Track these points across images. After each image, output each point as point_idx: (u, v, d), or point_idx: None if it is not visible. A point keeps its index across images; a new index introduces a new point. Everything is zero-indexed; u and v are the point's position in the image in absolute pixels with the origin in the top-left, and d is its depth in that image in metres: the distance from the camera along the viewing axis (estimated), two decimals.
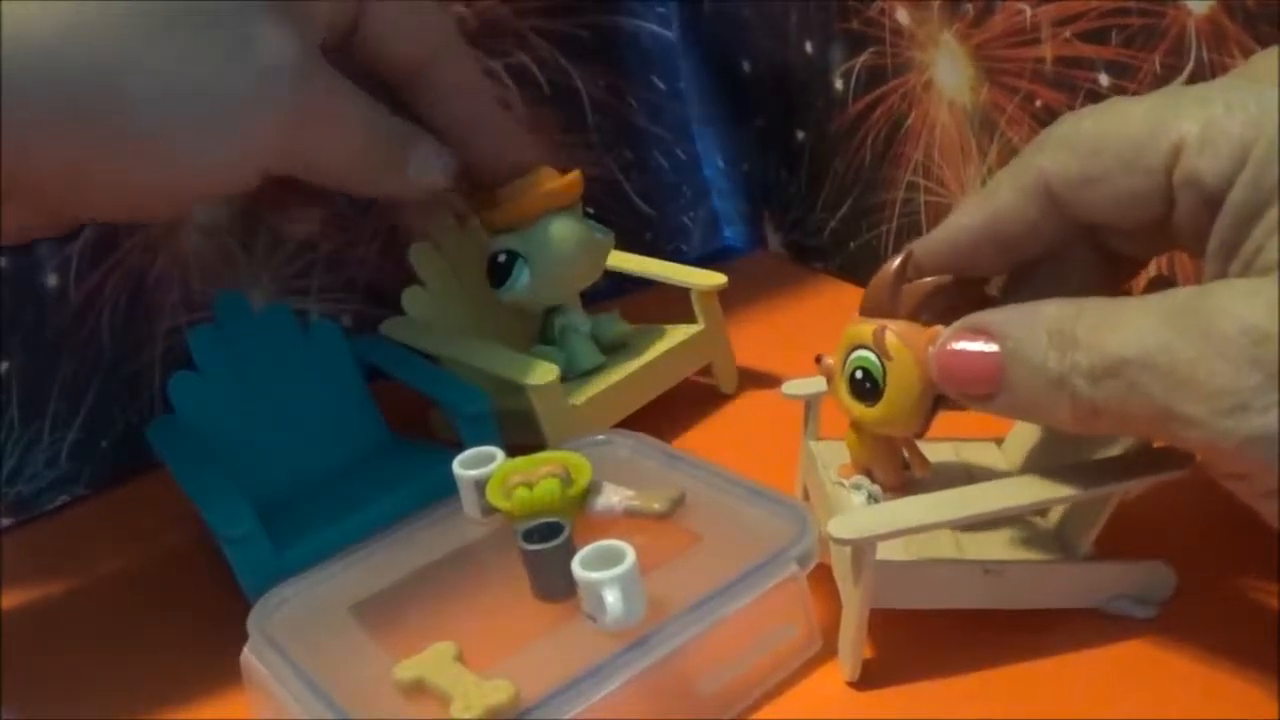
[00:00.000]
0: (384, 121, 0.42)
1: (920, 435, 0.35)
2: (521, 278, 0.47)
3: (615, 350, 0.50)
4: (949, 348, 0.31)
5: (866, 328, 0.34)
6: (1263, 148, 0.27)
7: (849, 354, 0.34)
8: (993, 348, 0.30)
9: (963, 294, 0.34)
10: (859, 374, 0.34)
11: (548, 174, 0.47)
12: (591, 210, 0.48)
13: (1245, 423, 0.26)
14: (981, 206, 0.33)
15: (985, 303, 0.35)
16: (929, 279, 0.34)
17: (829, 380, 0.36)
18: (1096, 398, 0.28)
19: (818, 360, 0.36)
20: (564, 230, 0.47)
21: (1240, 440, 0.26)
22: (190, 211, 0.40)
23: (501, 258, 0.47)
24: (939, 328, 0.32)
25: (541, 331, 0.50)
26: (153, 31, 0.35)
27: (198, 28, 0.36)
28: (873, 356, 0.33)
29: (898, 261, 0.34)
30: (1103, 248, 0.33)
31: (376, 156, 0.42)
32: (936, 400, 0.33)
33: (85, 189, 0.36)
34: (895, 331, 0.33)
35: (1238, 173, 0.28)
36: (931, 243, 0.34)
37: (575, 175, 0.47)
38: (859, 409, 0.34)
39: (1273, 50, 0.30)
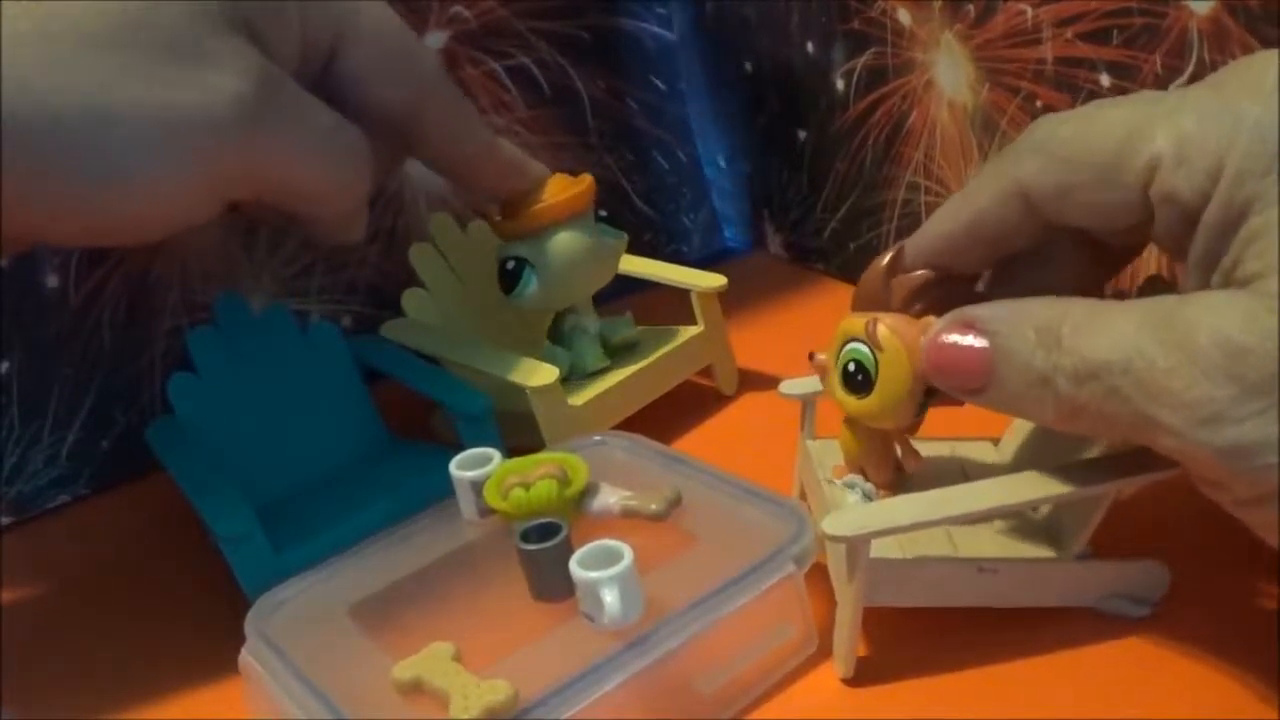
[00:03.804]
0: (351, 143, 0.40)
1: (913, 430, 0.35)
2: (530, 285, 0.47)
3: (621, 352, 0.50)
4: (939, 340, 0.31)
5: (858, 321, 0.34)
6: (1235, 163, 0.27)
7: (842, 347, 0.34)
8: (982, 342, 0.30)
9: (952, 286, 0.34)
10: (851, 366, 0.34)
11: (559, 184, 0.47)
12: (604, 213, 0.48)
13: (1220, 433, 0.26)
14: (962, 209, 0.34)
15: (974, 294, 0.35)
16: (919, 272, 0.34)
17: (822, 376, 0.36)
18: (1078, 398, 0.28)
19: (810, 357, 0.36)
20: (572, 239, 0.47)
21: (1215, 450, 0.26)
22: (158, 238, 0.38)
23: (510, 265, 0.47)
24: (930, 319, 0.32)
25: (551, 331, 0.50)
26: (98, 51, 0.34)
27: (148, 49, 0.34)
28: (865, 348, 0.33)
29: (888, 256, 0.34)
30: (1089, 239, 0.33)
31: (341, 182, 0.40)
32: (928, 393, 0.33)
33: (31, 213, 0.34)
34: (886, 324, 0.33)
35: (1212, 188, 0.28)
36: (917, 241, 0.35)
37: (587, 184, 0.47)
38: (852, 401, 0.34)
39: (1243, 61, 0.30)
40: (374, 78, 0.41)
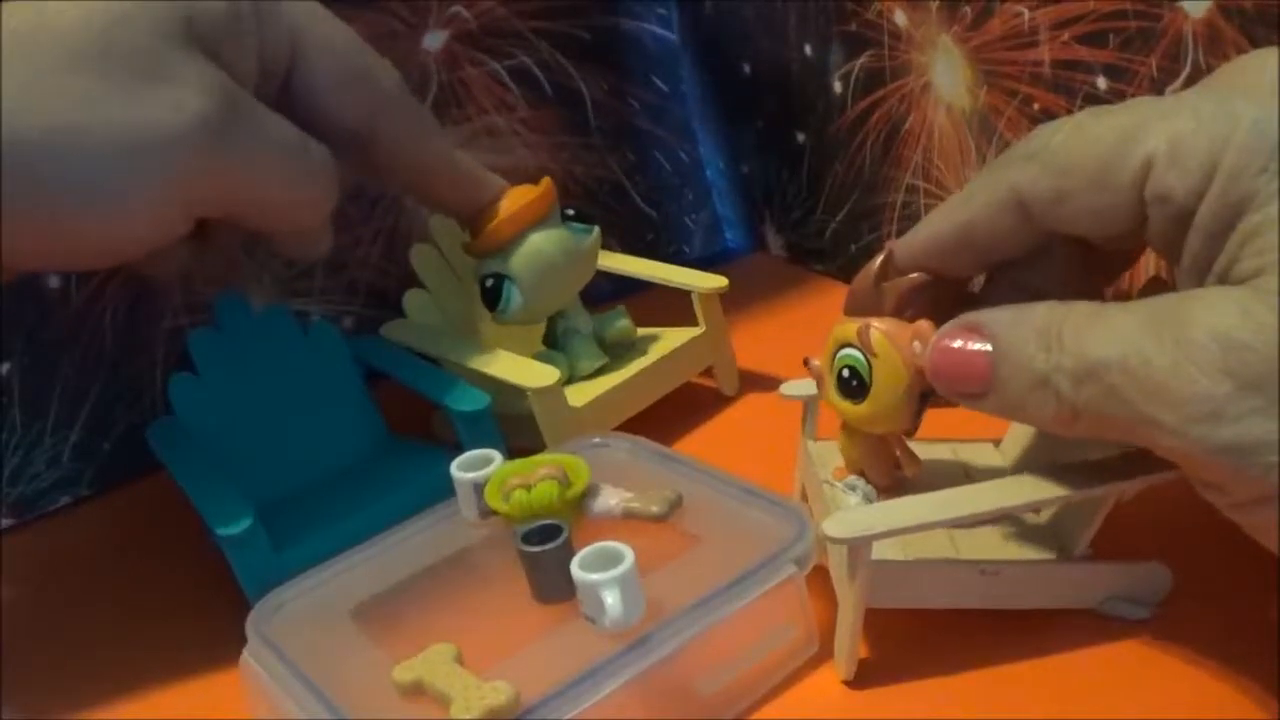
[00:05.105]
0: (315, 158, 0.40)
1: (911, 433, 0.35)
2: (513, 299, 0.47)
3: (619, 348, 0.50)
4: (942, 345, 0.31)
5: (851, 327, 0.34)
6: (1230, 161, 0.27)
7: (836, 353, 0.34)
8: (985, 346, 0.30)
9: (944, 289, 0.34)
10: (846, 372, 0.34)
11: (518, 193, 0.47)
12: (571, 210, 0.48)
13: (1217, 431, 0.26)
14: (955, 214, 0.33)
15: (966, 297, 0.35)
16: (910, 275, 0.34)
17: (818, 382, 0.36)
18: (1078, 400, 0.28)
19: (806, 363, 0.36)
20: (543, 244, 0.46)
21: (1212, 448, 0.26)
22: (127, 259, 0.38)
23: (489, 282, 0.47)
24: (923, 322, 0.33)
25: (546, 335, 0.50)
26: (60, 73, 0.33)
27: (110, 70, 0.34)
28: (858, 354, 0.34)
29: (879, 260, 0.34)
30: (1085, 244, 0.33)
31: (307, 196, 0.40)
32: (924, 396, 0.33)
33: (4, 238, 0.34)
34: (879, 328, 0.33)
35: (1206, 186, 0.28)
36: (909, 245, 0.34)
37: (545, 187, 0.47)
38: (848, 408, 0.34)
39: (1238, 61, 0.30)
40: (329, 93, 0.41)
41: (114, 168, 0.34)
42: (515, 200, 0.46)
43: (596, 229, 0.49)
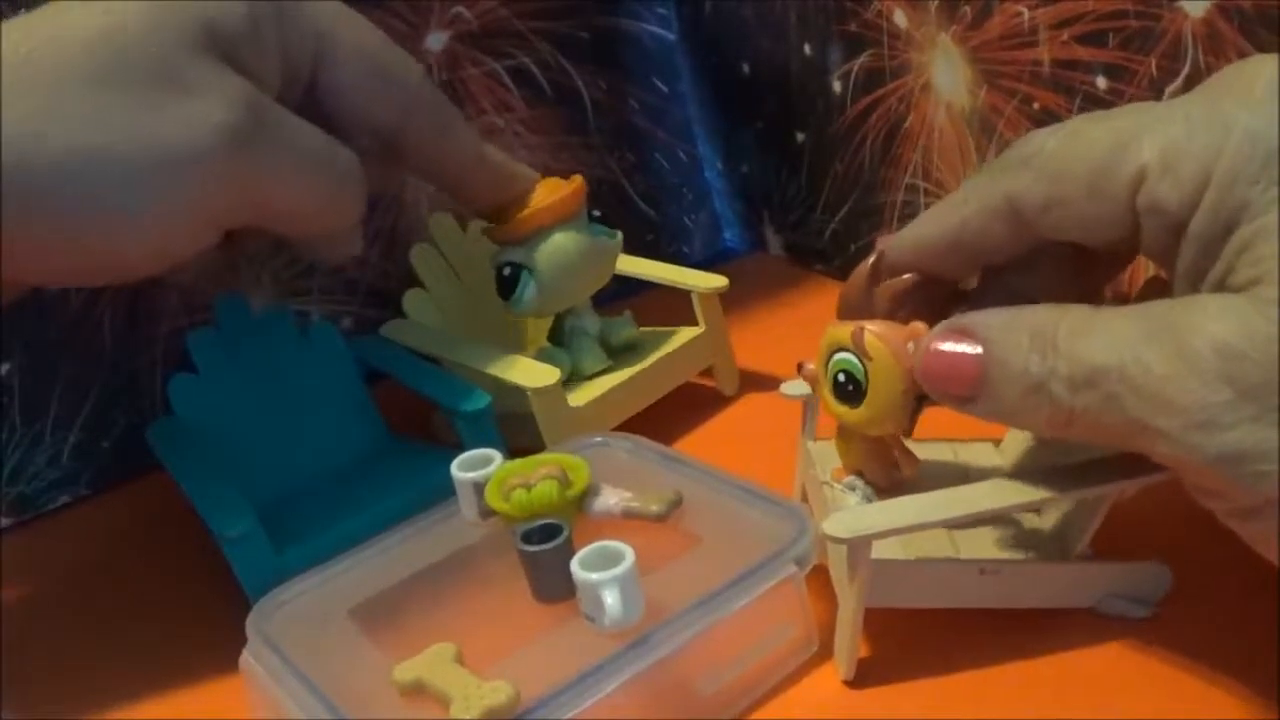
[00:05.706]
0: (342, 164, 0.40)
1: (908, 434, 0.35)
2: (528, 290, 0.46)
3: (622, 352, 0.50)
4: (932, 348, 0.31)
5: (845, 330, 0.34)
6: (1223, 170, 0.27)
7: (830, 357, 0.34)
8: (975, 349, 0.30)
9: (937, 288, 0.34)
10: (841, 376, 0.34)
11: (549, 186, 0.46)
12: (598, 213, 0.48)
13: (1214, 439, 0.26)
14: (947, 218, 0.33)
15: (959, 297, 0.35)
16: (903, 276, 0.34)
17: (813, 386, 0.36)
18: (1075, 406, 0.28)
19: (800, 368, 0.36)
20: (567, 242, 0.46)
21: (1209, 457, 0.26)
22: (157, 271, 0.38)
23: (506, 270, 0.47)
24: (916, 324, 0.32)
25: (551, 332, 0.50)
26: (84, 88, 0.33)
27: (133, 83, 0.34)
28: (853, 358, 0.33)
29: (870, 263, 0.34)
30: (1079, 248, 0.32)
31: (336, 202, 0.40)
32: (921, 397, 0.33)
33: (30, 256, 0.34)
34: (873, 331, 0.33)
35: (1200, 196, 0.27)
36: (901, 246, 0.34)
37: (577, 185, 0.47)
38: (844, 411, 0.34)
39: (1234, 67, 0.30)
40: (357, 96, 0.41)
41: (139, 185, 0.34)
42: (547, 193, 0.46)
43: (619, 235, 0.49)
